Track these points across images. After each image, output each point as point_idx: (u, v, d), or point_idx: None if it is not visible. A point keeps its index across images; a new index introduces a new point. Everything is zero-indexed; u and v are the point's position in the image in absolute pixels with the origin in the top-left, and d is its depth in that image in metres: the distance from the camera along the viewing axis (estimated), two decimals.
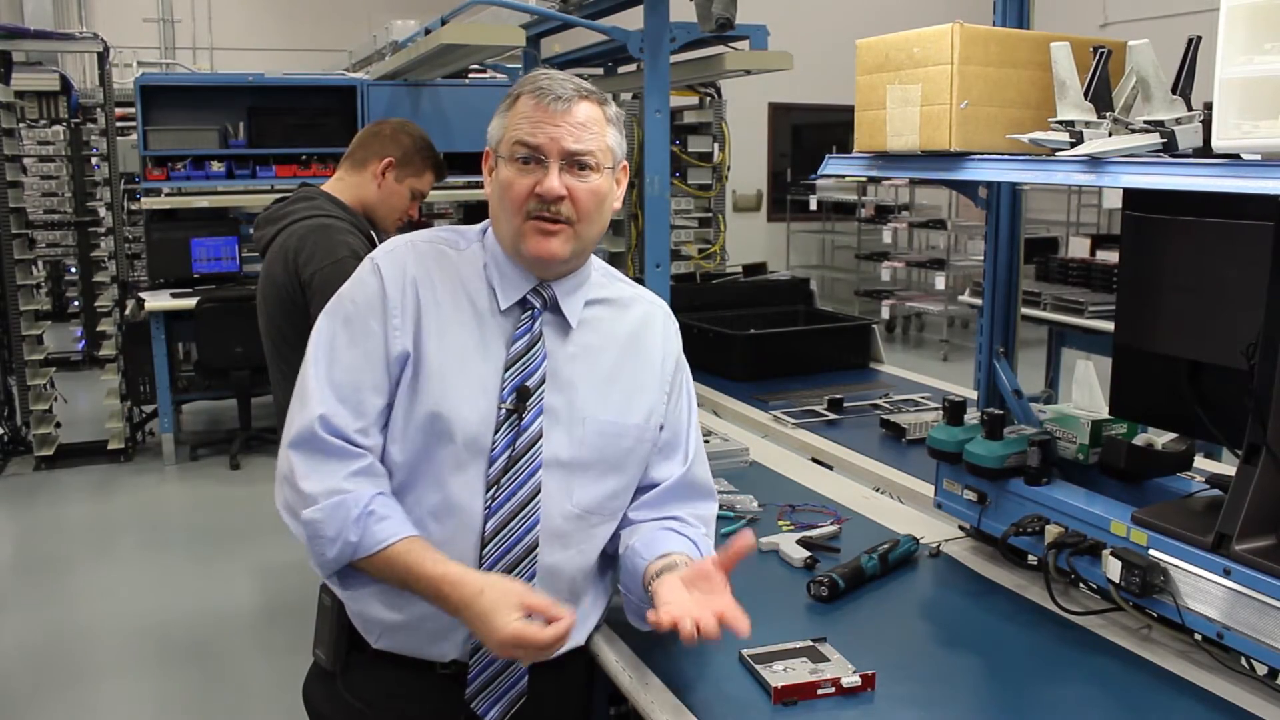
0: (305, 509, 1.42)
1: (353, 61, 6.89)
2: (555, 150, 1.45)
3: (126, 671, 3.56)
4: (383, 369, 1.46)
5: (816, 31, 8.81)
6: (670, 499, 1.60)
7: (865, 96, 1.79)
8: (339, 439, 1.44)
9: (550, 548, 1.48)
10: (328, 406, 1.44)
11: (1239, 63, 1.26)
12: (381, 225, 2.65)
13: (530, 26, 3.54)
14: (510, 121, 1.49)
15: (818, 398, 3.10)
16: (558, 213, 1.47)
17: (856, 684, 1.43)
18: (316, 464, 1.43)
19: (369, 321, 1.48)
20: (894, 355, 4.03)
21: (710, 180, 5.17)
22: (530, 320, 1.51)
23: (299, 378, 1.50)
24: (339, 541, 1.40)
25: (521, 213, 1.47)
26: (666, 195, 2.69)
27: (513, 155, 1.47)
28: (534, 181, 1.46)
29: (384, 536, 1.40)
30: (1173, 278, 1.64)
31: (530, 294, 1.52)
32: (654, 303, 1.66)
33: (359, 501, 1.41)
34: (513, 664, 1.46)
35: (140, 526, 5.07)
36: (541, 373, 1.48)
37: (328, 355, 1.49)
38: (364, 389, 1.46)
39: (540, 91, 1.47)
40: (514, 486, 1.45)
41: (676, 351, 1.65)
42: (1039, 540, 1.72)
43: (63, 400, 5.93)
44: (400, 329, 1.47)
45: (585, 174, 1.47)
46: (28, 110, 6.37)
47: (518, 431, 1.46)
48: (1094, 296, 5.20)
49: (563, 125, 1.45)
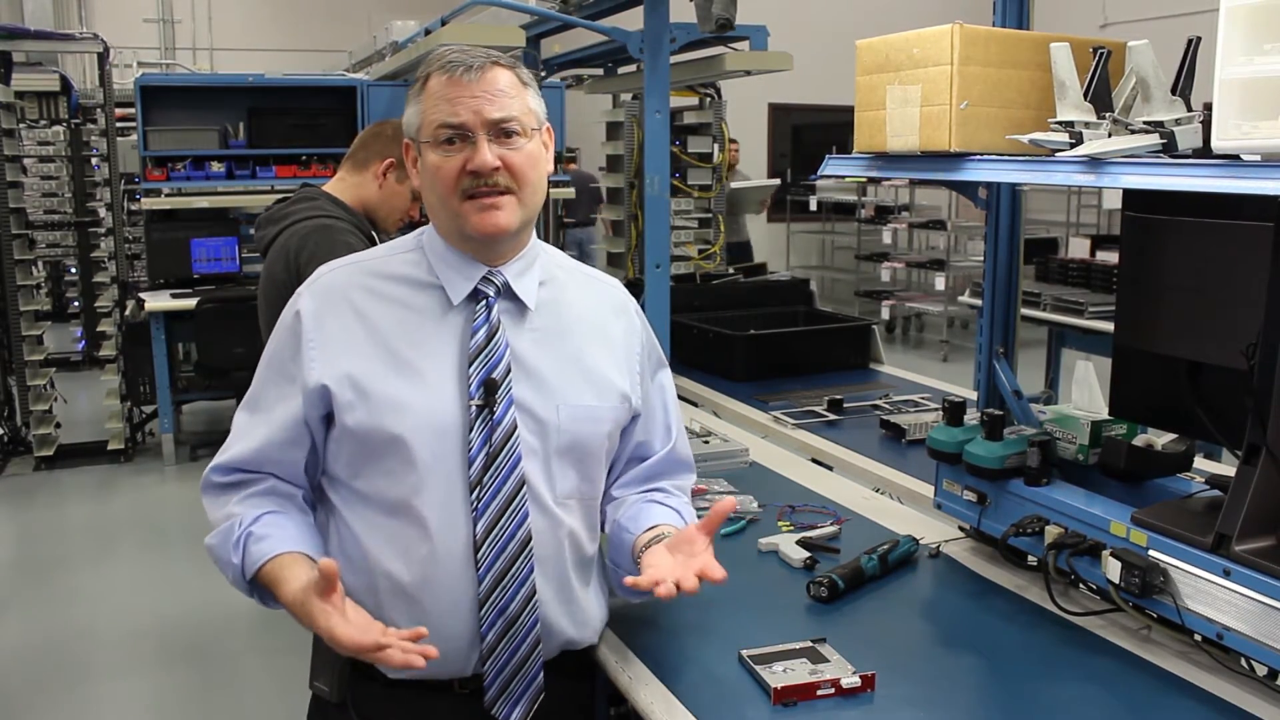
0: (207, 540, 1.47)
1: (353, 62, 6.89)
2: (479, 123, 1.40)
3: (126, 672, 3.56)
4: (295, 416, 1.45)
5: (816, 32, 8.81)
6: (654, 475, 1.62)
7: (865, 97, 1.79)
8: (236, 473, 1.48)
9: (549, 538, 1.46)
10: (229, 455, 1.49)
11: (1239, 63, 1.26)
12: (382, 226, 2.66)
13: (530, 27, 3.55)
14: (426, 105, 1.43)
15: (818, 398, 3.10)
16: (495, 184, 1.42)
17: (856, 685, 1.43)
18: (215, 497, 1.50)
19: (286, 365, 1.47)
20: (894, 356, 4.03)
21: (710, 181, 5.17)
22: (486, 310, 1.46)
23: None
24: (230, 565, 1.43)
25: (457, 193, 1.43)
26: (666, 195, 2.69)
27: (436, 139, 1.42)
28: (463, 160, 1.41)
29: (258, 558, 1.40)
30: (1172, 278, 1.64)
31: (480, 283, 1.48)
32: (608, 283, 1.64)
33: (242, 523, 1.43)
34: (525, 664, 1.45)
35: (140, 527, 5.07)
36: (506, 362, 1.44)
37: (250, 401, 1.52)
38: (273, 444, 1.47)
39: (450, 65, 1.42)
40: (497, 484, 1.42)
41: (642, 330, 1.63)
42: (1039, 541, 1.72)
43: (63, 400, 5.93)
44: (319, 361, 1.43)
45: (514, 140, 1.43)
46: (28, 110, 6.36)
47: (491, 426, 1.42)
48: (1094, 297, 5.20)
49: (480, 95, 1.41)
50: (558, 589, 1.48)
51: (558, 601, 1.49)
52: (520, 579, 1.43)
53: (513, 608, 1.43)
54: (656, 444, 1.63)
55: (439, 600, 1.41)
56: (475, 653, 1.43)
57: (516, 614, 1.43)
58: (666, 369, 1.68)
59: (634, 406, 1.57)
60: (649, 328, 1.66)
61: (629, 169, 5.15)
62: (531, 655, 1.45)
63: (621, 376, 1.56)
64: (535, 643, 1.45)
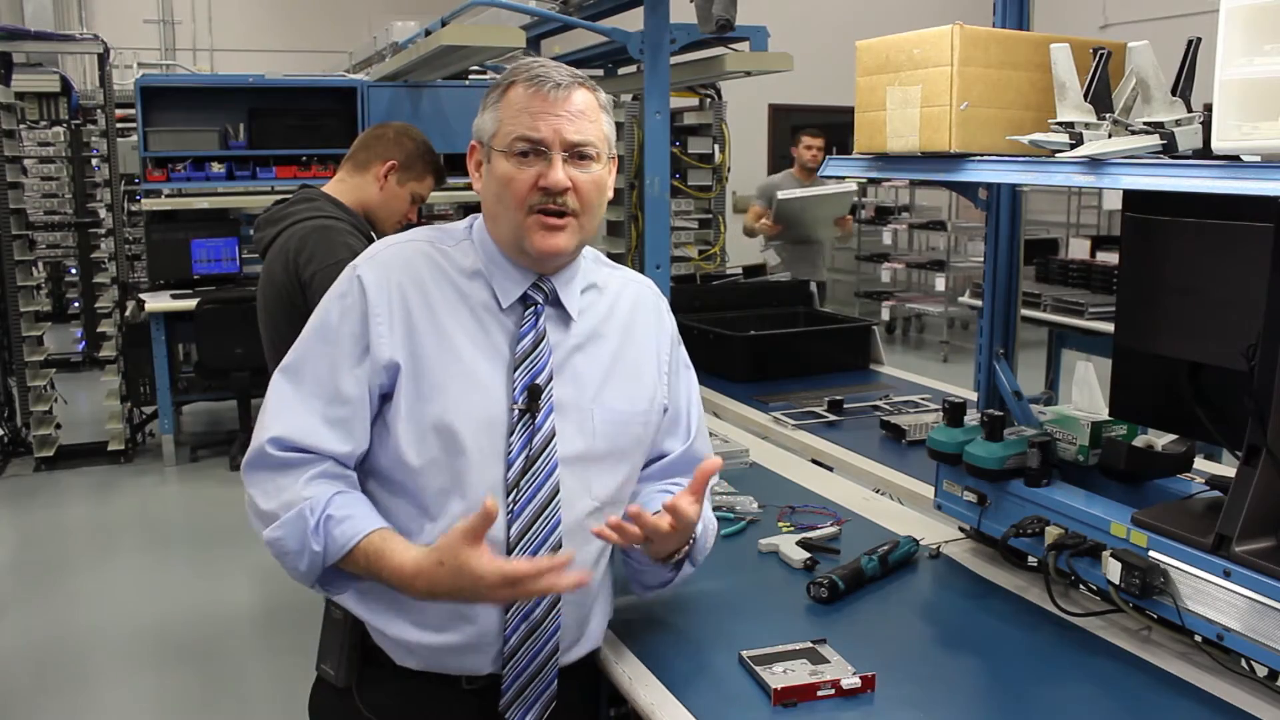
0: (266, 529, 1.38)
1: (353, 63, 6.90)
2: (558, 141, 1.40)
3: (126, 672, 3.55)
4: (354, 377, 1.40)
5: (816, 32, 8.82)
6: (672, 473, 1.62)
7: (865, 98, 1.79)
8: (293, 451, 1.39)
9: (573, 544, 1.45)
10: (283, 428, 1.40)
11: (1239, 64, 1.26)
12: (381, 227, 2.66)
13: (530, 28, 3.55)
14: (505, 113, 1.43)
15: (818, 399, 3.10)
16: (564, 204, 1.42)
17: (856, 685, 1.43)
18: (270, 480, 1.39)
19: (345, 331, 1.42)
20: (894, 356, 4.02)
21: (710, 181, 5.17)
22: (534, 317, 1.47)
23: (267, 391, 1.45)
24: (305, 554, 1.35)
25: (524, 207, 1.42)
26: (667, 196, 2.69)
27: (512, 149, 1.41)
28: (536, 174, 1.41)
29: (346, 540, 1.34)
30: (1173, 279, 1.64)
31: (531, 289, 1.48)
32: (641, 283, 1.64)
33: (315, 508, 1.35)
34: (544, 669, 1.45)
35: (140, 528, 5.07)
36: (549, 369, 1.45)
37: (294, 373, 1.44)
38: (332, 403, 1.40)
39: (537, 80, 1.42)
40: (533, 489, 1.42)
41: (671, 329, 1.64)
42: (1039, 542, 1.72)
43: (63, 401, 5.93)
44: (388, 336, 1.41)
45: (587, 164, 1.44)
46: (28, 111, 6.36)
47: (533, 431, 1.42)
48: (1094, 298, 5.21)
49: (563, 114, 1.41)
50: (581, 595, 1.48)
51: (579, 607, 1.49)
52: None
53: (538, 612, 1.43)
54: (677, 442, 1.63)
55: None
56: (494, 652, 1.44)
57: (541, 619, 1.43)
58: (690, 367, 1.69)
59: (664, 405, 1.59)
60: (675, 327, 1.66)
61: (629, 170, 5.16)
62: (550, 660, 1.45)
63: (653, 378, 1.57)
64: (554, 649, 1.45)
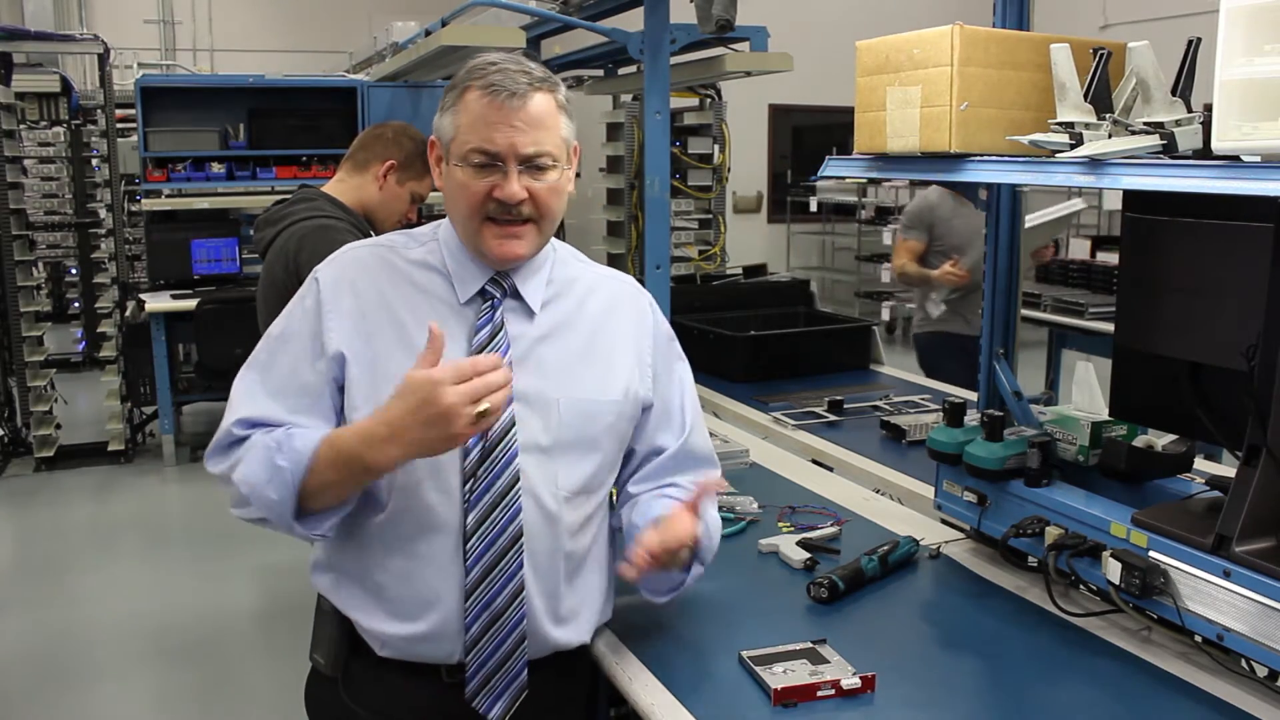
0: (234, 472, 1.40)
1: (353, 63, 6.90)
2: (513, 155, 1.41)
3: (126, 672, 3.55)
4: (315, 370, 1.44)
5: (816, 32, 8.80)
6: (669, 470, 1.62)
7: (865, 98, 1.79)
8: (253, 427, 1.43)
9: (544, 534, 1.47)
10: (249, 410, 1.44)
11: (1239, 64, 1.26)
12: (381, 227, 2.65)
13: (530, 28, 3.55)
14: (462, 121, 1.43)
15: (818, 399, 3.10)
16: (519, 213, 1.44)
17: (856, 686, 1.43)
18: (233, 453, 1.43)
19: (305, 330, 1.47)
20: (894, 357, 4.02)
21: (710, 182, 5.17)
22: (491, 310, 1.48)
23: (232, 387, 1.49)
24: (274, 480, 1.36)
25: (479, 215, 1.44)
26: (667, 196, 2.69)
27: (468, 160, 1.42)
28: (490, 185, 1.42)
29: (306, 446, 1.36)
30: (1173, 279, 1.64)
31: (489, 284, 1.50)
32: (622, 280, 1.65)
33: (270, 434, 1.40)
34: (509, 660, 1.45)
35: (140, 528, 5.07)
36: (507, 359, 1.45)
37: (260, 368, 1.49)
38: (298, 394, 1.45)
39: (493, 88, 1.41)
40: (491, 476, 1.43)
41: (657, 326, 1.63)
42: (1039, 542, 1.72)
43: (63, 402, 5.93)
44: (336, 329, 1.44)
45: (543, 174, 1.44)
46: (28, 112, 6.35)
47: None
48: (1094, 298, 5.20)
49: (518, 125, 1.40)
50: (550, 587, 1.48)
51: (549, 598, 1.49)
52: (509, 574, 1.43)
53: (498, 602, 1.43)
54: (671, 437, 1.63)
55: (429, 586, 1.43)
56: (461, 641, 1.44)
57: (502, 609, 1.44)
58: (684, 363, 1.69)
59: (643, 400, 1.58)
60: (664, 323, 1.66)
61: (629, 170, 5.16)
62: (516, 651, 1.45)
63: (629, 370, 1.56)
64: (520, 639, 1.45)
